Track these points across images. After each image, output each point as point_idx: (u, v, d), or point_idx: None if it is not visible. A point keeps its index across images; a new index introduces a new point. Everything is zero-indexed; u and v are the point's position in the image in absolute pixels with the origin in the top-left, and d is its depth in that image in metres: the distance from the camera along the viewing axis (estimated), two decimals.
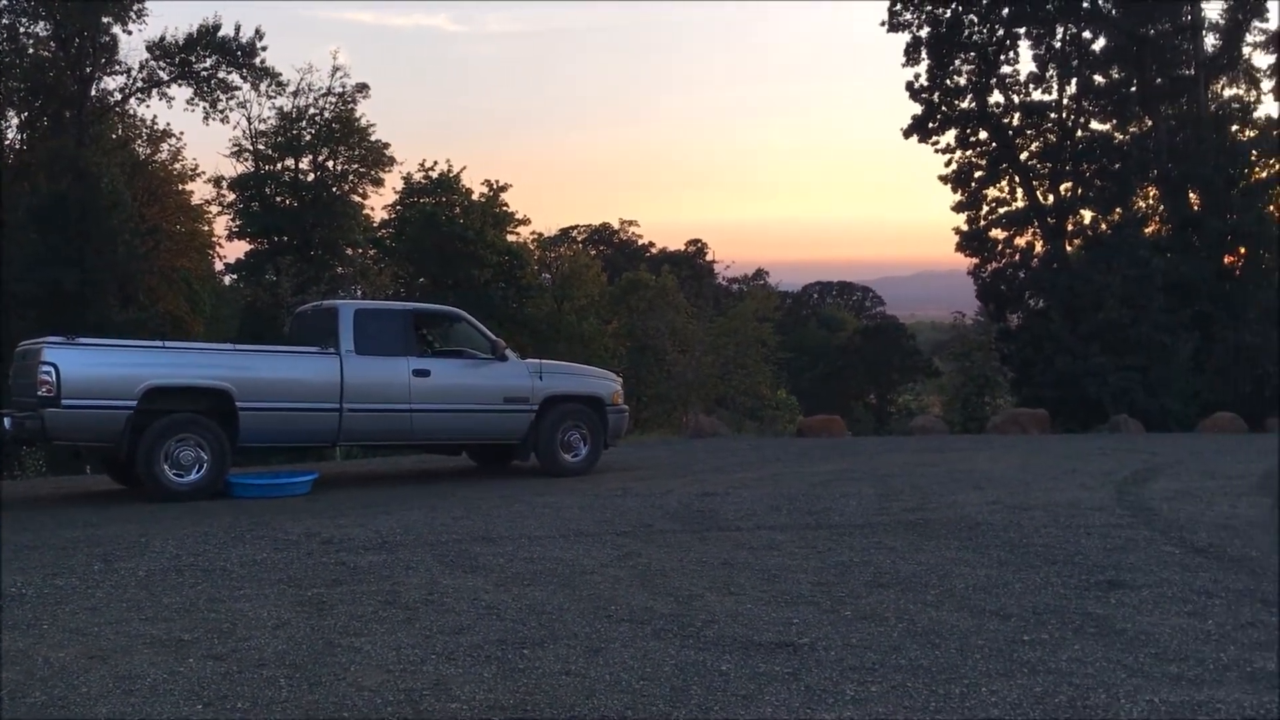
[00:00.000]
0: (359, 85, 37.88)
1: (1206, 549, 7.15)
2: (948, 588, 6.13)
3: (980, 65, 34.50)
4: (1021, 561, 6.81)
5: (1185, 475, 11.26)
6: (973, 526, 8.04)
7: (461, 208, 40.54)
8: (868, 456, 14.21)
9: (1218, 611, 5.55)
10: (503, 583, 6.35)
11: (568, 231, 57.58)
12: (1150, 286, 28.75)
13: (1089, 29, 34.12)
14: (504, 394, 11.80)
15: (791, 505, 9.26)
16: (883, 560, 6.87)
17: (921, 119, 34.86)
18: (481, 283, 39.19)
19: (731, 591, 6.06)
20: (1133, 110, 33.76)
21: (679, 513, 8.95)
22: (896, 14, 34.68)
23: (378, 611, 5.69)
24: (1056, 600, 5.82)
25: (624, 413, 13.05)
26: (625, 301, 40.86)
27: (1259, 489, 10.06)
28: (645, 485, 10.87)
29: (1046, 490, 10.02)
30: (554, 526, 8.33)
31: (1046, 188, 34.70)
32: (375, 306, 13.01)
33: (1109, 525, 8.05)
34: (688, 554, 7.16)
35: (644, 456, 14.83)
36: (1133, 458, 13.33)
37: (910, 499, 9.56)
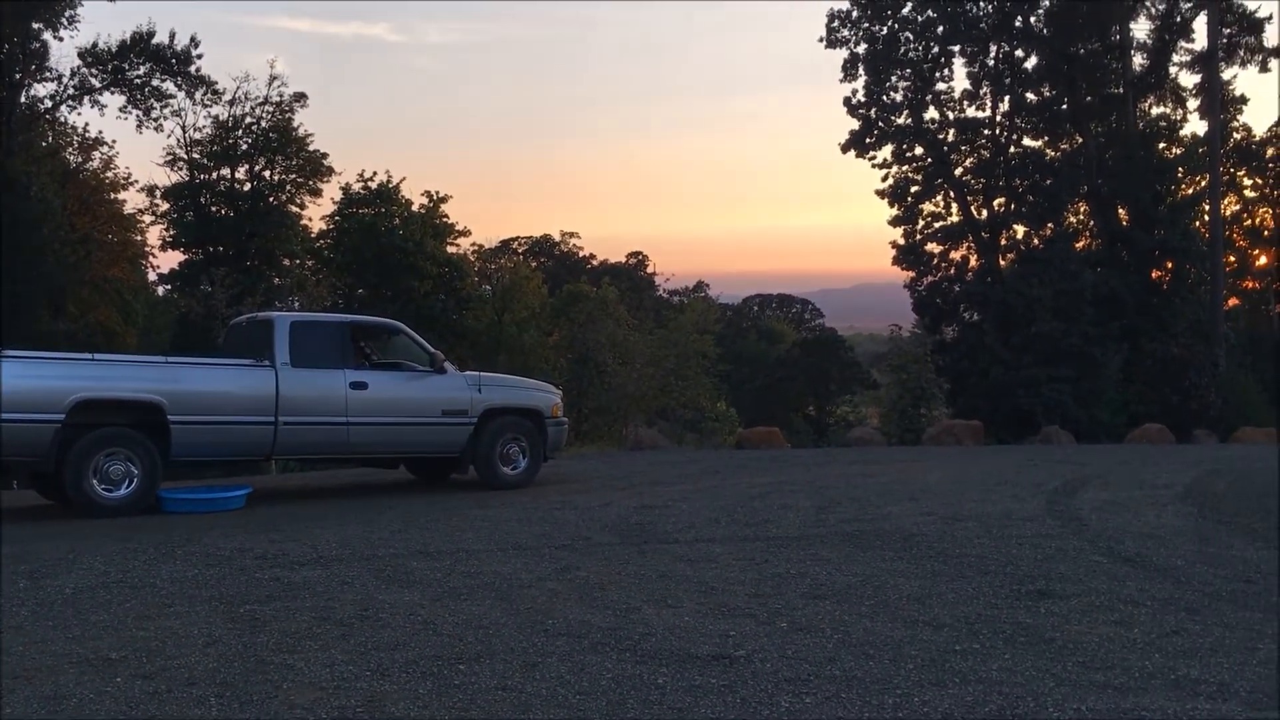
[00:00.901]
0: (297, 94, 37.45)
1: (1133, 558, 7.31)
2: (882, 598, 6.20)
3: (916, 82, 35.08)
4: (954, 572, 6.91)
5: (1114, 486, 11.49)
6: (907, 537, 8.14)
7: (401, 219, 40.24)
8: (806, 468, 14.32)
9: (1143, 620, 5.68)
10: (439, 597, 6.31)
11: (508, 243, 57.47)
12: (1081, 300, 29.36)
13: (1021, 48, 34.86)
14: (442, 406, 11.73)
15: (730, 517, 9.31)
16: (819, 572, 6.93)
17: (859, 134, 35.36)
18: (421, 294, 38.91)
19: (669, 604, 6.08)
20: (1064, 127, 34.52)
21: (618, 526, 8.95)
22: (835, 31, 35.19)
23: (311, 628, 5.62)
24: (988, 610, 5.91)
25: (564, 425, 13.04)
26: (566, 313, 40.80)
27: (1184, 499, 10.30)
28: (584, 498, 10.86)
29: (979, 501, 10.17)
30: (492, 540, 8.29)
31: (980, 203, 35.36)
32: (311, 318, 12.88)
33: (1040, 535, 8.20)
34: (626, 567, 7.16)
35: (584, 469, 14.81)
36: (1063, 468, 13.58)
37: (847, 510, 9.66)
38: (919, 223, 35.69)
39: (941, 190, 35.61)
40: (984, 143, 35.37)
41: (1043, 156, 34.78)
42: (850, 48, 35.09)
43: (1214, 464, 14.12)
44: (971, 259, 35.25)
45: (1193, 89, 35.29)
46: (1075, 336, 28.89)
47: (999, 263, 34.32)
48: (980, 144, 35.45)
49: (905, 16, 34.97)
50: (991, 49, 34.95)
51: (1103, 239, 33.81)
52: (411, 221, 39.99)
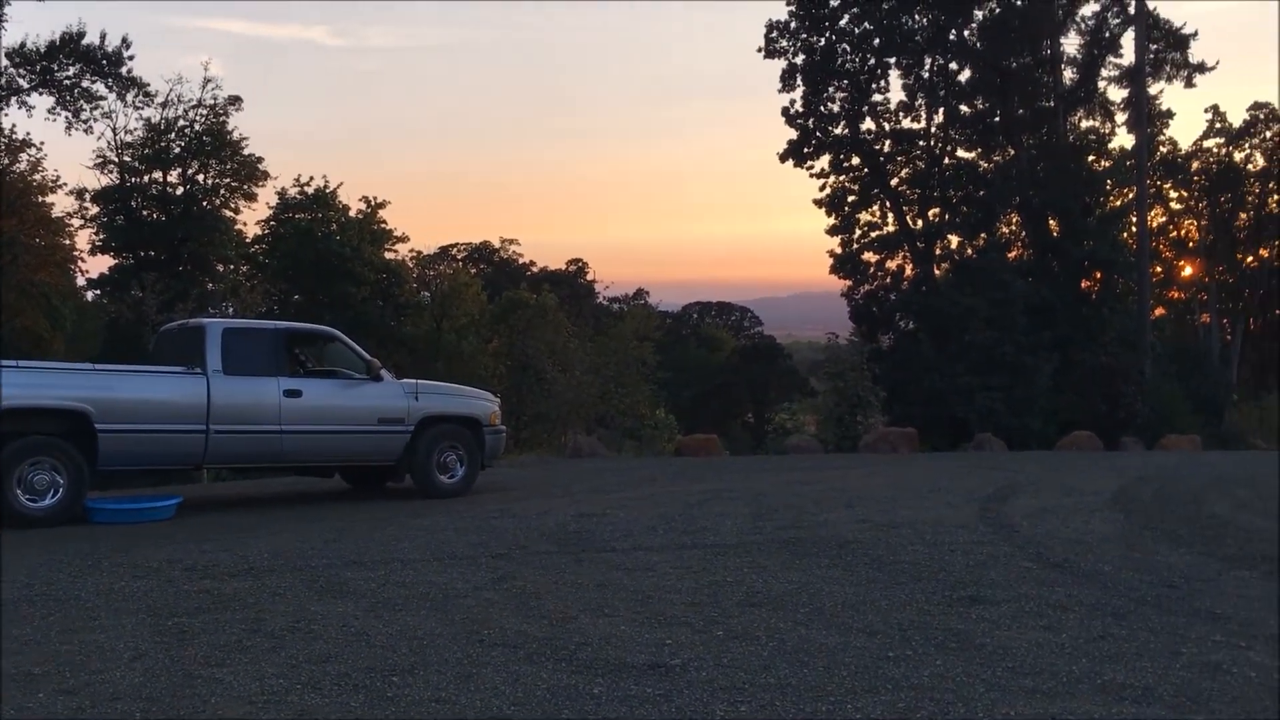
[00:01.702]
0: (232, 97, 36.95)
1: (1062, 564, 7.44)
2: (817, 606, 6.25)
3: (853, 93, 35.48)
4: (888, 579, 6.99)
5: (1044, 493, 11.69)
6: (842, 544, 8.21)
7: (338, 224, 39.86)
8: (744, 476, 14.39)
9: (1071, 625, 5.78)
10: (373, 608, 6.24)
11: (447, 249, 57.00)
12: (1013, 309, 29.86)
13: (955, 61, 35.44)
14: (379, 414, 11.63)
15: (667, 525, 9.32)
16: (755, 579, 6.96)
17: (797, 144, 35.68)
18: (359, 300, 38.55)
19: (605, 613, 6.07)
20: (996, 140, 35.12)
21: (555, 534, 8.93)
22: (773, 41, 35.47)
23: (241, 640, 5.53)
24: (920, 616, 5.98)
25: (502, 433, 12.99)
26: (505, 320, 40.60)
27: (1111, 505, 10.51)
28: (522, 506, 10.82)
29: (913, 508, 10.29)
30: (428, 549, 8.22)
31: (916, 213, 35.84)
32: (245, 325, 12.68)
33: (971, 542, 8.32)
34: (563, 576, 7.15)
35: (522, 477, 14.75)
36: (995, 475, 13.79)
37: (783, 518, 9.72)
38: (856, 232, 36.08)
39: (878, 200, 36.04)
40: (919, 154, 35.86)
41: (976, 168, 35.36)
42: (788, 58, 35.40)
43: (1140, 471, 14.43)
44: (907, 268, 35.70)
45: (1121, 103, 36.14)
46: (1008, 345, 29.38)
47: (934, 272, 34.81)
48: (916, 155, 35.93)
49: (842, 28, 35.37)
50: (926, 61, 35.48)
51: (1034, 249, 34.45)
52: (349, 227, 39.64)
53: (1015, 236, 35.78)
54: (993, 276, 30.63)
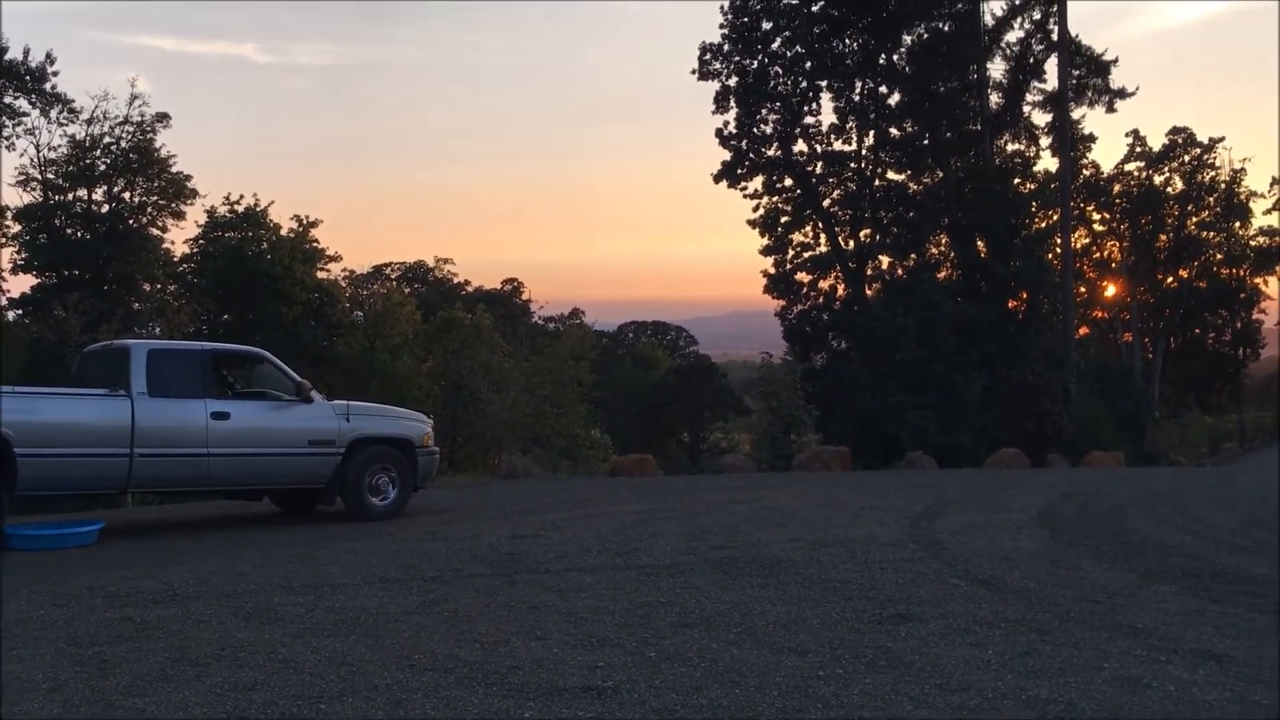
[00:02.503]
0: (159, 114, 36.33)
1: (989, 581, 7.56)
2: (749, 625, 6.27)
3: (785, 115, 35.91)
4: (819, 597, 7.04)
5: (972, 510, 11.88)
6: (775, 564, 8.26)
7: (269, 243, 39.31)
8: (678, 495, 14.42)
9: (998, 641, 5.87)
10: (301, 634, 6.15)
11: (381, 269, 56.53)
12: (943, 329, 30.34)
13: (885, 85, 36.03)
14: (308, 436, 11.49)
15: (601, 546, 9.31)
16: (688, 600, 6.98)
17: (730, 165, 36.00)
18: (290, 320, 38.01)
19: (538, 636, 6.05)
20: (925, 162, 35.75)
21: (488, 556, 8.88)
22: (707, 63, 35.81)
23: (165, 669, 5.42)
24: (851, 635, 6.03)
25: (435, 455, 12.90)
26: (439, 340, 40.30)
27: (1037, 522, 10.71)
28: (455, 528, 10.74)
29: (845, 526, 10.39)
30: (358, 573, 8.13)
31: (848, 234, 36.31)
32: (170, 346, 12.47)
33: (901, 560, 8.42)
34: (495, 598, 7.10)
35: (456, 499, 14.65)
36: (925, 493, 13.98)
37: (717, 538, 9.76)
38: (789, 252, 36.47)
39: (810, 221, 36.46)
40: (850, 175, 36.36)
41: (906, 190, 35.94)
42: (722, 80, 35.78)
43: (1065, 488, 14.72)
44: (839, 288, 36.14)
45: (1045, 127, 36.99)
46: (937, 364, 29.83)
47: (865, 292, 35.27)
48: (847, 177, 36.44)
49: (774, 51, 35.82)
50: (857, 85, 36.04)
51: (962, 270, 35.08)
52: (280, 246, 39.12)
53: (944, 257, 36.41)
54: (922, 296, 31.11)
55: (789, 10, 35.43)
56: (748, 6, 35.48)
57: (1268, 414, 55.34)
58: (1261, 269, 55.18)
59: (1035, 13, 35.55)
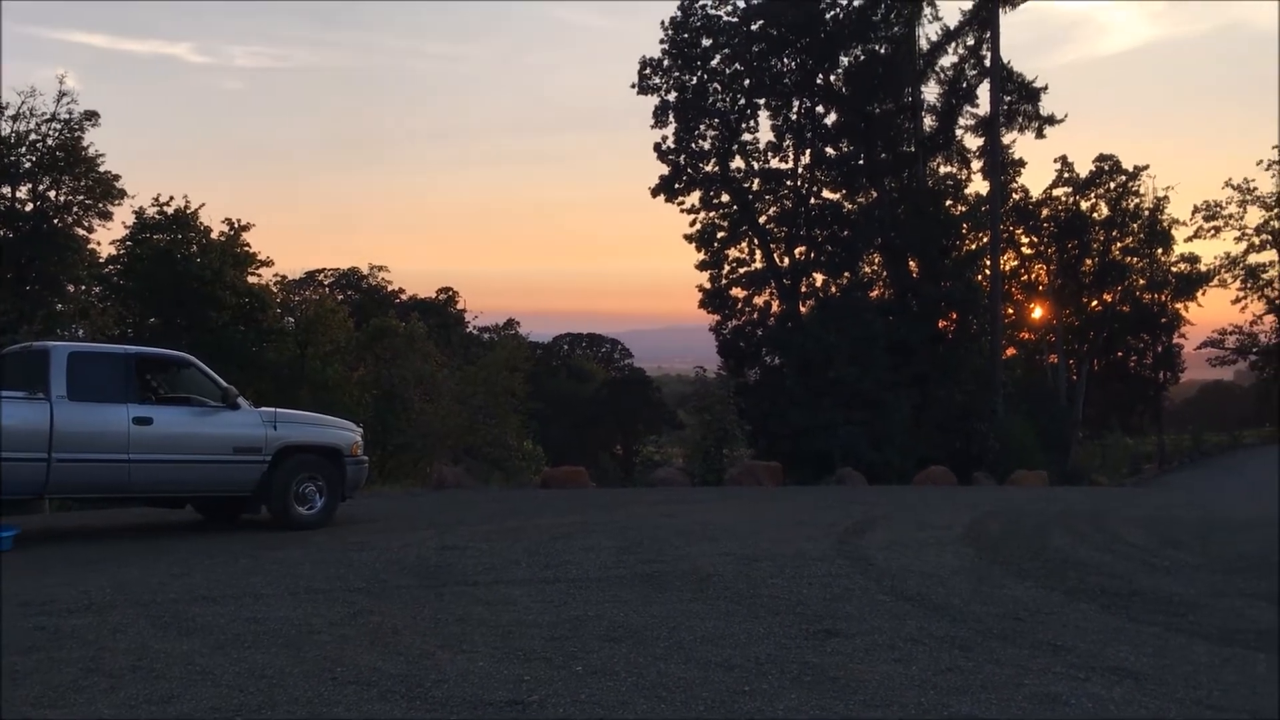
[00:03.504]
0: (88, 113, 35.56)
1: (915, 597, 7.64)
2: (677, 640, 6.27)
3: (723, 131, 36.17)
4: (747, 612, 7.06)
5: (900, 526, 12.01)
6: (704, 578, 8.28)
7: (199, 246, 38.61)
8: (610, 509, 14.40)
9: (921, 658, 5.93)
10: (221, 645, 6.02)
11: (314, 275, 55.79)
12: (874, 346, 30.69)
13: (822, 104, 36.45)
14: (234, 444, 11.29)
15: (530, 558, 9.26)
16: (616, 614, 6.96)
17: (668, 179, 36.15)
18: (219, 325, 37.35)
19: (464, 649, 5.99)
20: (860, 182, 36.21)
21: (416, 567, 8.78)
22: (646, 78, 35.96)
23: (77, 680, 5.27)
24: (778, 650, 6.06)
25: (364, 464, 12.73)
26: (372, 348, 39.86)
27: (963, 540, 10.86)
28: (383, 539, 10.61)
29: (775, 541, 10.45)
30: (282, 583, 7.99)
31: (783, 251, 36.62)
32: (92, 349, 12.16)
33: (830, 575, 8.48)
34: (422, 610, 7.02)
35: (385, 509, 14.47)
36: (855, 509, 14.11)
37: (647, 551, 9.75)
38: (725, 268, 36.67)
39: (746, 237, 36.72)
40: (786, 193, 36.70)
41: (841, 209, 36.36)
42: (661, 95, 35.93)
43: (991, 506, 14.95)
44: (774, 304, 36.41)
45: (976, 151, 37.69)
46: (869, 382, 30.17)
47: (800, 309, 35.58)
48: (783, 194, 36.77)
49: (714, 68, 36.07)
50: (794, 104, 36.42)
51: (895, 289, 35.54)
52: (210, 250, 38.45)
53: (877, 276, 36.87)
54: (855, 315, 31.47)
55: (728, 28, 35.73)
56: (688, 23, 35.71)
57: (1187, 436, 56.74)
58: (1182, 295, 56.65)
59: (969, 39, 36.27)
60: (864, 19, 35.36)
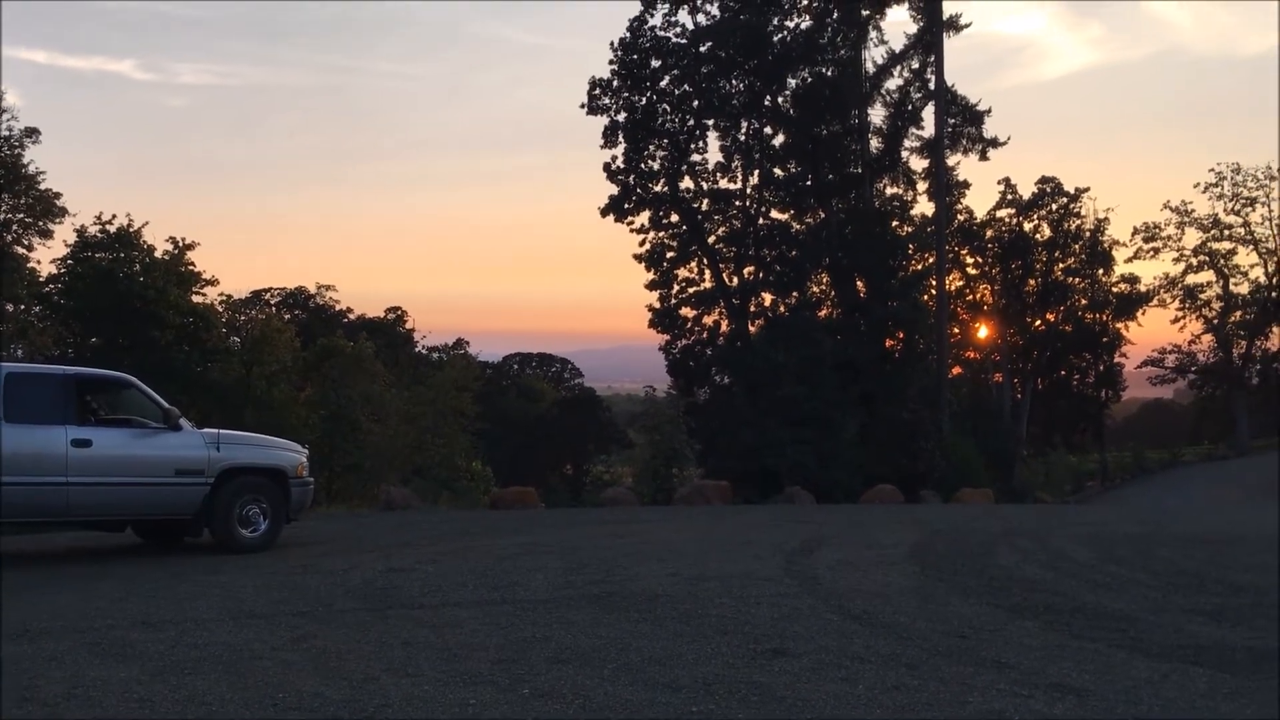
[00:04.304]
0: (29, 129, 35.01)
1: (861, 616, 7.68)
2: (625, 661, 6.25)
3: (672, 152, 36.33)
4: (695, 632, 7.06)
5: (847, 545, 12.08)
6: (652, 598, 8.27)
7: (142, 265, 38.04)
8: (558, 529, 14.35)
9: (868, 676, 5.96)
10: (160, 672, 5.91)
11: (260, 294, 55.15)
12: (822, 366, 30.89)
13: (770, 125, 36.74)
14: (176, 465, 11.11)
15: (478, 580, 9.20)
16: (564, 635, 6.92)
17: (618, 199, 36.23)
18: (162, 345, 36.79)
19: (409, 673, 5.92)
20: (808, 202, 36.51)
21: (361, 590, 8.68)
22: (596, 98, 36.04)
23: (9, 711, 5.14)
24: (725, 670, 6.06)
25: (309, 485, 12.58)
26: (319, 368, 39.48)
27: (909, 558, 10.94)
28: (329, 561, 10.49)
29: (723, 561, 10.46)
30: (224, 608, 7.86)
31: (732, 270, 36.79)
32: (30, 370, 11.92)
33: (777, 594, 8.50)
34: (367, 634, 6.94)
35: (331, 530, 14.31)
36: (803, 528, 14.17)
37: (595, 572, 9.72)
38: (674, 288, 36.77)
39: (695, 257, 36.85)
40: (735, 213, 36.91)
41: (789, 229, 36.62)
42: (611, 115, 36.03)
43: (937, 524, 15.08)
44: (723, 324, 36.55)
45: (922, 172, 38.14)
46: (817, 400, 30.34)
47: (748, 328, 35.75)
48: (732, 214, 36.97)
49: (663, 89, 36.25)
50: (743, 125, 36.67)
51: (842, 309, 35.83)
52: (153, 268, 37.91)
53: (825, 296, 37.14)
54: (803, 334, 31.66)
55: (677, 49, 35.94)
56: (637, 44, 35.87)
57: (1128, 453, 57.69)
58: (1123, 315, 57.73)
59: (914, 62, 36.77)
60: (811, 42, 35.73)
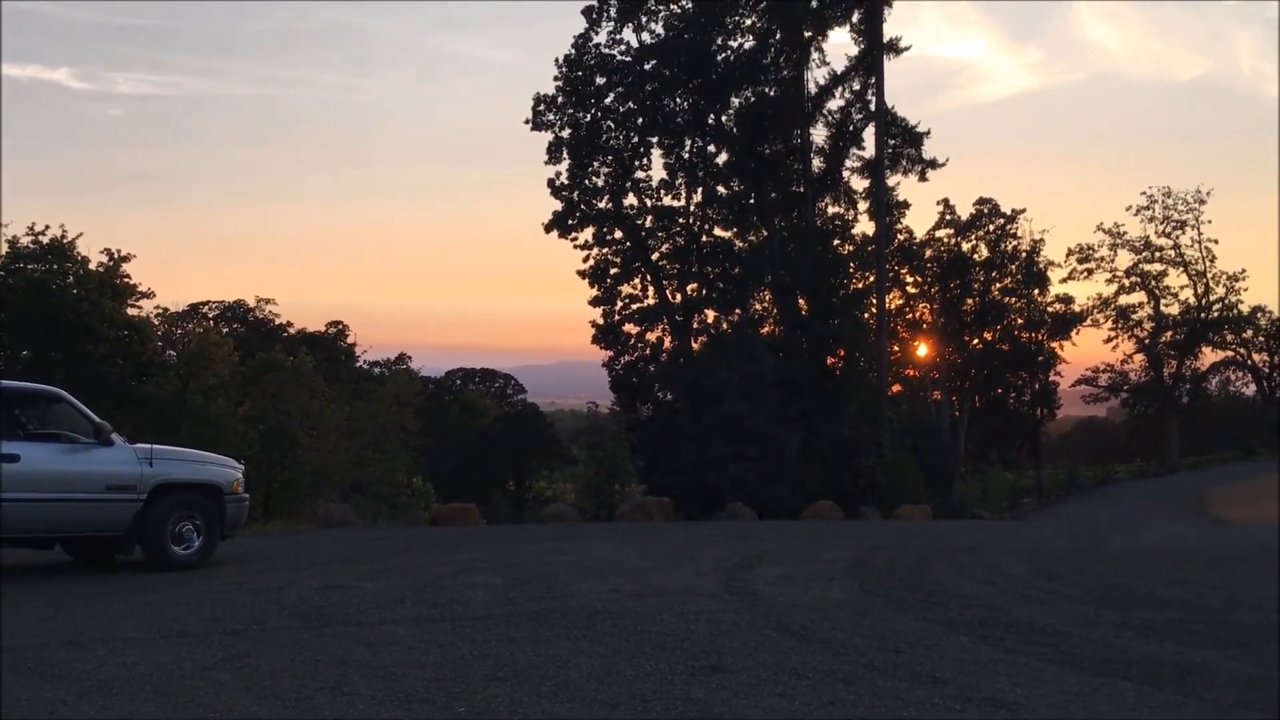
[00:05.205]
0: None
1: (799, 631, 7.72)
2: (563, 678, 6.23)
3: (616, 169, 36.46)
4: (634, 649, 7.05)
5: (787, 561, 12.15)
6: (592, 615, 8.25)
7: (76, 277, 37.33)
8: (499, 545, 14.27)
9: (804, 692, 5.99)
10: (87, 692, 5.78)
11: (198, 307, 54.35)
12: (764, 383, 31.08)
13: (713, 144, 37.02)
14: (107, 481, 10.89)
15: (416, 597, 9.12)
16: (502, 652, 6.89)
17: (562, 215, 36.27)
18: (96, 359, 36.10)
19: (344, 692, 5.85)
20: (751, 220, 36.81)
21: (296, 608, 8.57)
22: (540, 114, 36.08)
23: None
24: (663, 687, 6.05)
25: (245, 501, 12.39)
26: (258, 383, 38.97)
27: (848, 574, 11.02)
28: (264, 579, 10.34)
29: (664, 577, 10.47)
30: (155, 626, 7.71)
31: (675, 287, 36.95)
32: None
33: (717, 610, 8.52)
34: (301, 652, 6.85)
35: (267, 548, 14.10)
36: (744, 544, 14.22)
37: (535, 588, 9.68)
38: (618, 304, 36.84)
39: (639, 273, 36.97)
40: (679, 230, 37.11)
41: (732, 246, 36.89)
42: (555, 131, 36.09)
43: (876, 540, 15.22)
44: (666, 340, 36.68)
45: (863, 192, 38.62)
46: (759, 417, 30.50)
47: (691, 345, 35.90)
48: (675, 231, 37.16)
49: (607, 106, 36.40)
50: (687, 143, 36.91)
51: (784, 326, 36.12)
52: (87, 281, 37.23)
53: (767, 313, 37.44)
54: (746, 351, 31.85)
55: (622, 67, 36.10)
56: (582, 61, 35.99)
57: (1063, 471, 58.69)
58: (1057, 334, 58.84)
59: (855, 83, 37.22)
60: (754, 62, 36.09)
